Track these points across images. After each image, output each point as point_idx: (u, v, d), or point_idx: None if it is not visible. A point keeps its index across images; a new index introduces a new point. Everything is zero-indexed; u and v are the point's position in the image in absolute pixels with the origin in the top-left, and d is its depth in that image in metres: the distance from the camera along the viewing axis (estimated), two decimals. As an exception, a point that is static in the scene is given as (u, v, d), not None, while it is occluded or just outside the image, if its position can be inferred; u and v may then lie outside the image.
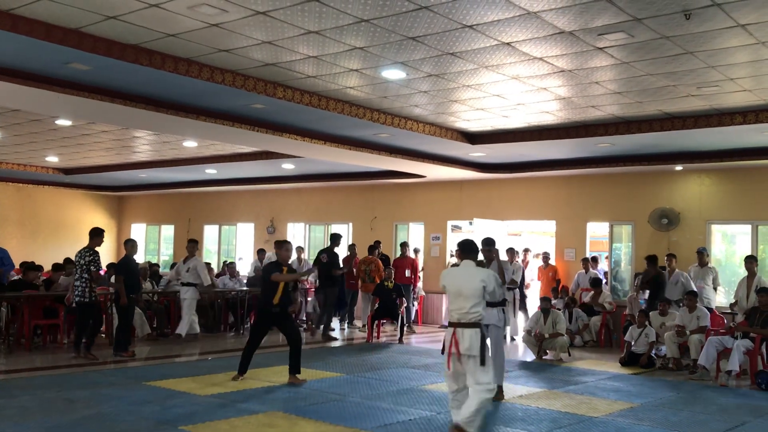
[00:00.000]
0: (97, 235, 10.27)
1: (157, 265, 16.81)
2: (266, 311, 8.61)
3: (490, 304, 7.55)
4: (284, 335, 8.93)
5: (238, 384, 8.37)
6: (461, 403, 6.07)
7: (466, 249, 6.50)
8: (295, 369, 8.62)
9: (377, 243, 15.00)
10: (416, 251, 15.99)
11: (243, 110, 10.02)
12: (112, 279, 11.44)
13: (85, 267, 10.02)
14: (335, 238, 13.92)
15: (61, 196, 21.93)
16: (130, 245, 10.86)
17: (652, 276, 12.02)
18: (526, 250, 15.68)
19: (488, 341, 7.11)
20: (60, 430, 6.16)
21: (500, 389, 7.93)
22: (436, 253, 16.53)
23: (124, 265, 10.69)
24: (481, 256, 7.55)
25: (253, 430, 6.31)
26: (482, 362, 5.92)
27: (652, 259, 12.08)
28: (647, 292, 12.25)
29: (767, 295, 9.80)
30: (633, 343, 10.86)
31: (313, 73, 8.45)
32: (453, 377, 6.18)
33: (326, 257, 13.42)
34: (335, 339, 13.26)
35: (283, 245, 8.93)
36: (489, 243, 8.09)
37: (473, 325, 6.04)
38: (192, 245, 12.56)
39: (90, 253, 10.10)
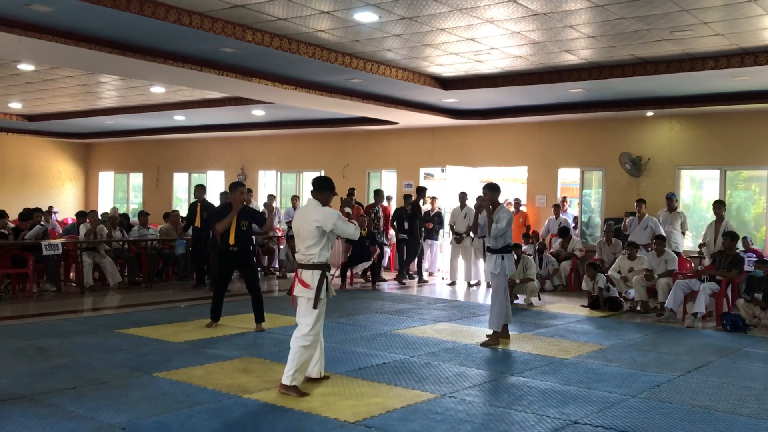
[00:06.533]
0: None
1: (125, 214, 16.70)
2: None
3: (490, 251, 8.11)
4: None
5: (211, 331, 8.38)
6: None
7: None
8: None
9: (352, 190, 14.92)
10: (389, 199, 15.91)
11: (211, 54, 9.79)
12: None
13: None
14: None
15: (27, 143, 21.42)
16: (200, 190, 12.42)
17: None
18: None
19: None
20: (33, 378, 6.10)
21: (506, 328, 8.23)
22: (409, 201, 16.50)
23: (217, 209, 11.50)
24: None
25: (229, 375, 6.32)
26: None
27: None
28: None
29: (732, 240, 10.00)
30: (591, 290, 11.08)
31: (284, 15, 8.25)
32: None
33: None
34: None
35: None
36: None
37: None
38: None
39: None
